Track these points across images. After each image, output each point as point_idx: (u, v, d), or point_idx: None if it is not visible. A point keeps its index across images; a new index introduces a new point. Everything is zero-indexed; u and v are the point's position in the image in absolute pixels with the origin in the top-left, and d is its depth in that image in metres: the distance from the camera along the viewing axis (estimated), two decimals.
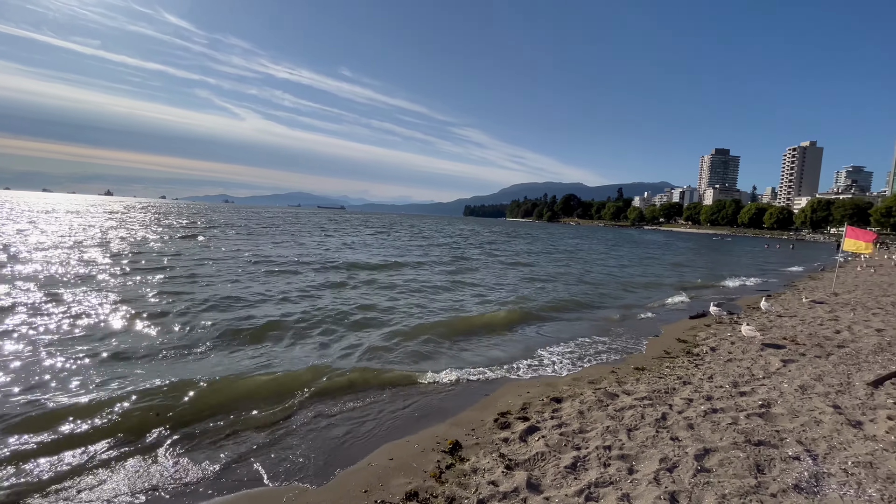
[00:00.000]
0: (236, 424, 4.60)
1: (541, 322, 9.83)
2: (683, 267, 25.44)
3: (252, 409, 4.90)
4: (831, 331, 8.51)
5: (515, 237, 51.91)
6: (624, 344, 8.34)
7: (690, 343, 8.02)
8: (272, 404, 5.04)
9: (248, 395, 5.22)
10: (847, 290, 14.57)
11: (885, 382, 5.50)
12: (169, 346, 6.77)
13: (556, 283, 15.87)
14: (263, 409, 4.91)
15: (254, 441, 4.32)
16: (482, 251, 28.40)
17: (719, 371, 6.18)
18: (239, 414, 4.80)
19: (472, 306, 10.93)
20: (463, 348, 7.59)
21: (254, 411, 4.86)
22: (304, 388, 5.45)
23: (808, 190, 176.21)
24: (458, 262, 20.47)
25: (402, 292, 12.20)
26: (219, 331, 7.63)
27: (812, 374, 5.92)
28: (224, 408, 4.90)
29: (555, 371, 6.60)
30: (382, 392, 5.61)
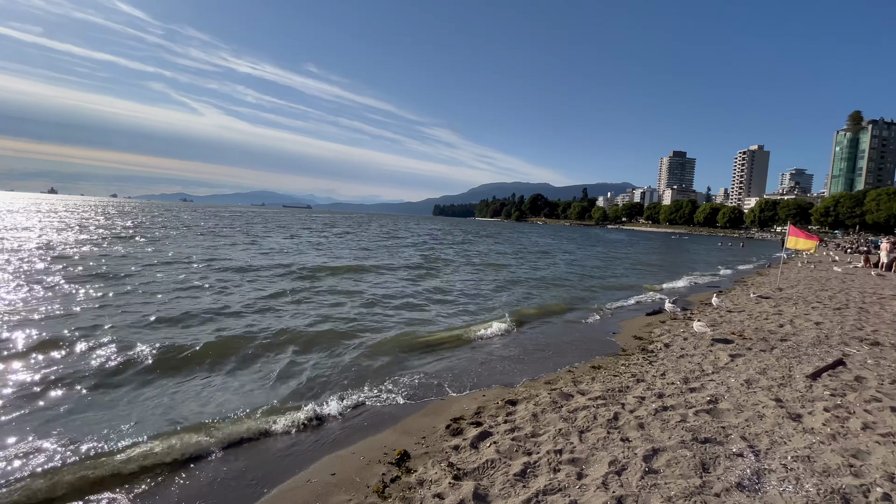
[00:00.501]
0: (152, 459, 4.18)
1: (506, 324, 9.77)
2: (644, 265, 26.30)
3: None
4: (775, 325, 8.90)
5: (486, 237, 52.23)
6: (582, 343, 8.42)
7: (646, 340, 8.17)
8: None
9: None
10: (790, 286, 15.42)
11: (823, 375, 5.73)
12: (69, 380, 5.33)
13: (526, 286, 15.94)
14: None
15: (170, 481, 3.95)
16: (455, 252, 28.30)
17: (671, 367, 6.27)
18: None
19: (441, 318, 10.70)
20: (423, 359, 7.33)
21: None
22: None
23: (756, 191, 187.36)
24: (429, 265, 20.23)
25: (367, 302, 10.98)
26: (135, 360, 6.02)
27: (757, 367, 6.11)
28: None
29: (514, 372, 6.52)
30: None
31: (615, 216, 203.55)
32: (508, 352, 7.58)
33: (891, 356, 6.62)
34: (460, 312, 10.54)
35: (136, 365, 5.95)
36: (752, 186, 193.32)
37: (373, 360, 6.81)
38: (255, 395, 5.33)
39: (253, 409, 4.86)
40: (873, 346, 7.24)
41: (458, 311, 10.73)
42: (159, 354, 6.28)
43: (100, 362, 5.94)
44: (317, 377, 5.98)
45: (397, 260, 20.84)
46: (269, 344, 7.16)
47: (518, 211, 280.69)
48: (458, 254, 26.50)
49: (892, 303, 11.84)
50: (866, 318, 9.48)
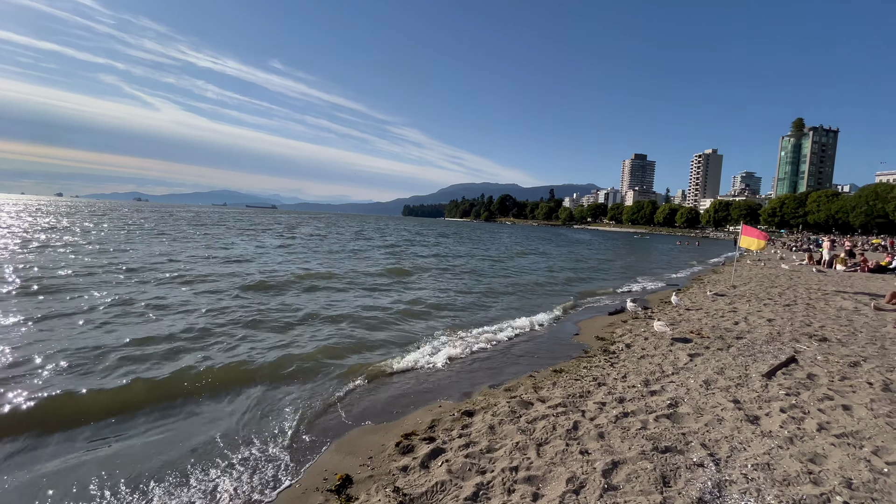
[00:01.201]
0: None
1: (470, 330, 9.50)
2: (607, 264, 26.82)
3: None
4: (731, 322, 9.06)
5: (461, 239, 52.13)
6: (545, 344, 8.26)
7: (608, 341, 8.09)
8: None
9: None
10: (743, 283, 16.00)
11: (777, 373, 5.77)
12: None
13: (494, 288, 15.76)
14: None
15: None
16: (427, 255, 27.90)
17: (632, 370, 6.17)
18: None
19: (406, 333, 10.28)
20: (382, 381, 6.94)
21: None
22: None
23: (711, 192, 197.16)
24: (399, 272, 19.75)
25: (329, 318, 9.22)
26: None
27: (715, 367, 6.09)
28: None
29: (473, 380, 6.23)
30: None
31: (581, 216, 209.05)
32: (469, 359, 7.29)
33: (838, 352, 6.80)
34: (426, 329, 10.19)
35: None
36: (707, 188, 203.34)
37: (327, 382, 6.34)
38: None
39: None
40: (822, 341, 7.44)
41: (425, 326, 10.37)
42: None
43: None
44: (263, 405, 5.46)
45: (364, 265, 20.25)
46: (201, 385, 5.59)
47: (487, 211, 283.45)
48: (431, 257, 26.14)
49: (834, 298, 12.43)
50: (813, 314, 9.83)
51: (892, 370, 5.88)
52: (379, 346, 7.68)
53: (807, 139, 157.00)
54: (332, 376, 6.15)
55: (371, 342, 7.86)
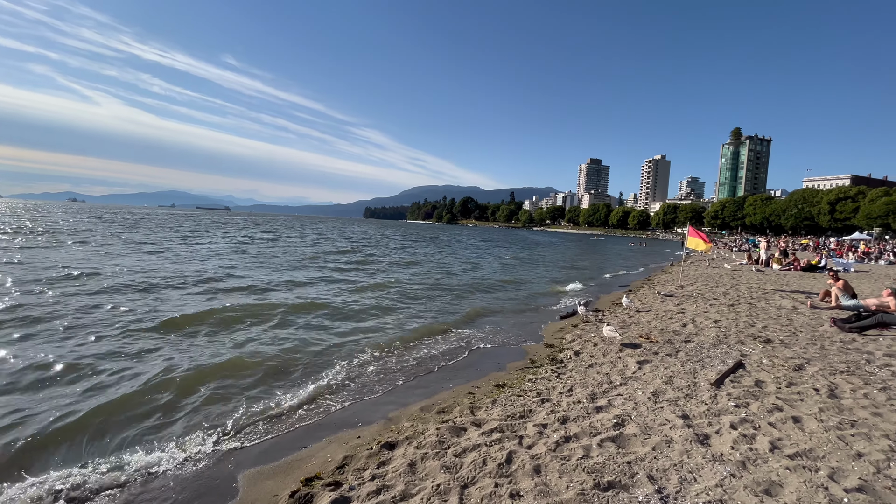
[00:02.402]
0: None
1: (408, 341, 8.80)
2: (564, 266, 26.99)
3: None
4: (679, 324, 8.91)
5: (425, 241, 51.32)
6: (491, 353, 7.73)
7: (556, 348, 7.65)
8: None
9: None
10: (690, 283, 16.31)
11: (725, 380, 5.48)
12: None
13: (450, 295, 15.14)
14: None
15: None
16: (390, 259, 26.91)
17: (580, 381, 5.70)
18: None
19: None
20: (298, 405, 6.11)
21: None
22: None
23: (660, 196, 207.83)
24: (361, 272, 18.71)
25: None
26: None
27: (664, 375, 5.74)
28: None
29: (405, 400, 5.53)
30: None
31: (540, 219, 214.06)
32: (407, 373, 6.60)
33: (782, 354, 6.67)
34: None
35: None
36: (657, 192, 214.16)
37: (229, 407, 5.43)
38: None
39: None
40: (766, 343, 7.34)
41: (359, 336, 9.55)
42: None
43: None
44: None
45: (318, 273, 19.06)
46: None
47: (449, 213, 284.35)
48: (393, 262, 25.22)
49: (774, 297, 12.78)
50: (756, 314, 9.91)
51: (834, 373, 5.75)
52: (297, 364, 6.82)
53: (744, 147, 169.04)
54: (235, 402, 5.26)
55: (293, 356, 6.98)
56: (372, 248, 33.96)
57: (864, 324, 8.06)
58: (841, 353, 6.71)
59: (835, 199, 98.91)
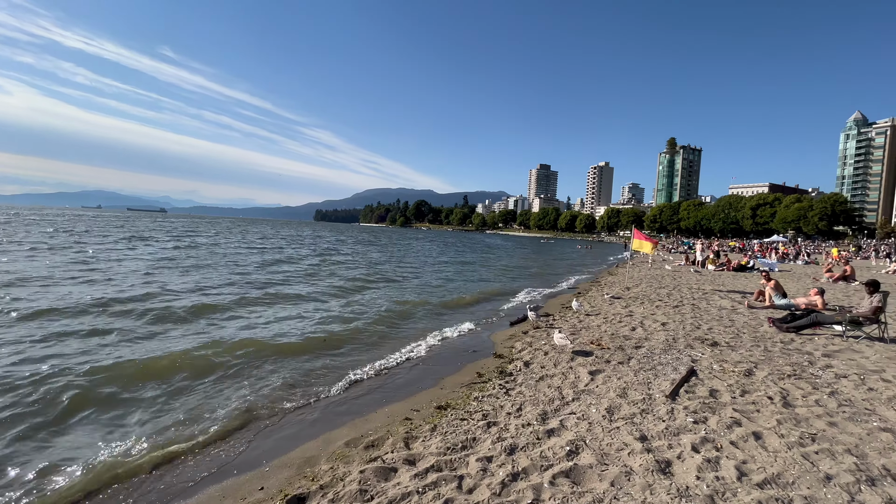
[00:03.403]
0: None
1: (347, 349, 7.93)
2: (515, 269, 26.98)
3: None
4: (629, 328, 8.71)
5: (376, 245, 49.83)
6: (435, 367, 7.06)
7: (506, 358, 7.11)
8: None
9: None
10: (635, 284, 16.59)
11: (680, 390, 5.15)
12: None
13: (394, 304, 14.29)
14: None
15: None
16: (322, 267, 25.46)
17: (529, 398, 5.15)
18: None
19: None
20: (194, 451, 5.11)
21: None
22: None
23: (605, 200, 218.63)
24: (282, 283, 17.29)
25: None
26: None
27: (617, 387, 5.33)
28: None
29: (329, 431, 4.71)
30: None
31: (493, 222, 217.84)
32: (337, 397, 5.76)
33: (730, 358, 6.54)
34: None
35: None
36: (602, 196, 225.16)
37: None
38: None
39: None
40: (713, 346, 7.24)
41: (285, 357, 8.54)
42: None
43: None
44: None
45: (240, 288, 17.47)
46: None
47: (403, 217, 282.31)
48: (338, 263, 23.87)
49: (713, 297, 13.15)
50: (700, 316, 9.99)
51: (783, 377, 5.62)
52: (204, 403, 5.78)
53: (678, 156, 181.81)
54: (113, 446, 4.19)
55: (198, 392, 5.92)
56: (308, 251, 32.32)
57: (799, 324, 8.23)
58: (784, 355, 6.69)
59: (756, 204, 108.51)
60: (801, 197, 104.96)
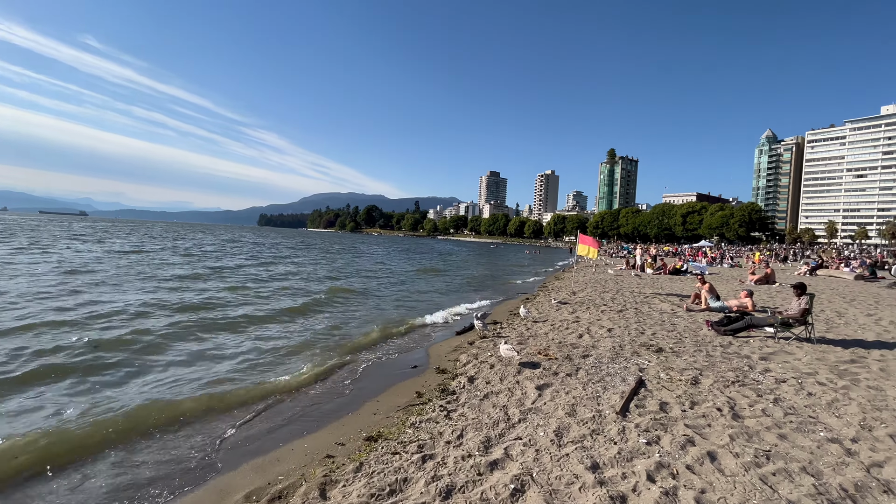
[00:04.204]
0: None
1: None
2: (465, 275, 26.68)
3: None
4: (576, 335, 8.49)
5: (317, 249, 47.62)
6: (371, 386, 6.35)
7: (449, 374, 6.55)
8: None
9: None
10: (581, 288, 16.77)
11: (630, 405, 4.84)
12: None
13: (335, 315, 13.31)
14: None
15: None
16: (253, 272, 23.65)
17: (472, 421, 4.60)
18: None
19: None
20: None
21: None
22: None
23: (551, 207, 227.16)
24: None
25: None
26: None
27: (566, 403, 4.93)
28: None
29: (227, 475, 3.87)
30: None
31: (444, 228, 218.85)
32: (247, 429, 4.89)
33: (676, 365, 6.41)
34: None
35: None
36: (548, 203, 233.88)
37: None
38: None
39: None
40: (658, 353, 7.12)
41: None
42: None
43: None
44: None
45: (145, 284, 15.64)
46: None
47: (353, 222, 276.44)
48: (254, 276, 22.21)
49: (653, 301, 13.47)
50: (643, 320, 10.03)
51: (727, 384, 5.50)
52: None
53: (618, 166, 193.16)
54: None
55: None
56: (245, 259, 30.23)
57: (736, 326, 8.40)
58: (725, 360, 6.68)
59: (686, 212, 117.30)
60: (723, 206, 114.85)
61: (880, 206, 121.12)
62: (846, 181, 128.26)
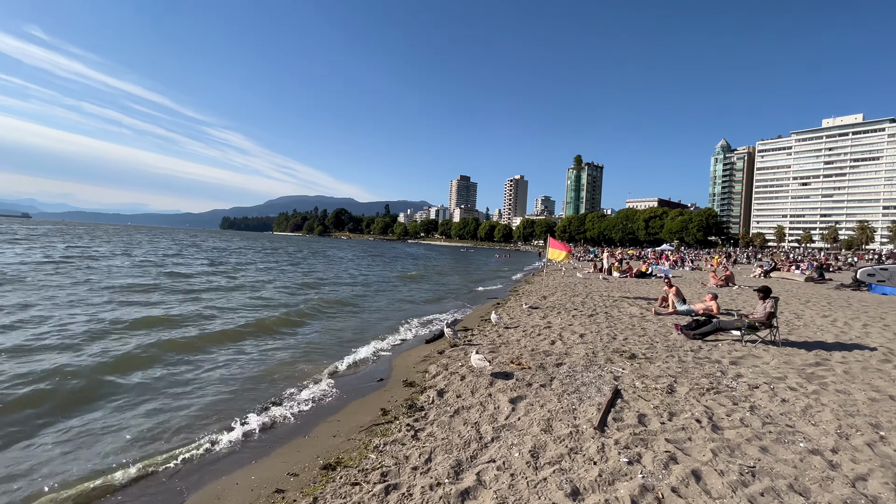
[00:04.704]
0: None
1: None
2: (435, 281, 26.30)
3: None
4: (548, 342, 8.27)
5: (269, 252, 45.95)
6: (333, 403, 5.86)
7: (417, 387, 6.14)
8: None
9: None
10: (551, 292, 16.75)
11: (608, 418, 4.59)
12: None
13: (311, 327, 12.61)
14: None
15: None
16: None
17: (441, 442, 4.22)
18: None
19: None
20: None
21: None
22: None
23: (520, 212, 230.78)
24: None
25: None
26: None
27: (541, 418, 4.63)
28: None
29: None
30: None
31: (415, 231, 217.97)
32: (185, 465, 4.31)
33: (650, 371, 6.27)
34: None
35: None
36: (517, 208, 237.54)
37: None
38: None
39: None
40: (632, 359, 6.99)
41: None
42: None
43: None
44: None
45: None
46: None
47: (321, 225, 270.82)
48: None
49: (622, 304, 13.54)
50: (614, 325, 9.96)
51: (703, 392, 5.38)
52: None
53: (584, 172, 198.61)
54: None
55: None
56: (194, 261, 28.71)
57: (704, 330, 8.43)
58: (697, 366, 6.60)
59: (648, 217, 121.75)
60: (683, 211, 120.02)
61: (822, 212, 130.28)
62: (792, 189, 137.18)
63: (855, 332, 9.32)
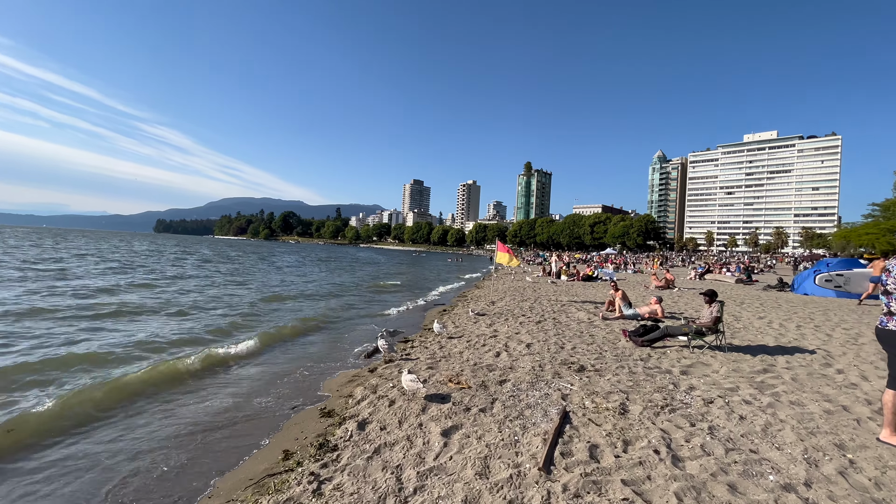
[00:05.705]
0: None
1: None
2: (383, 286, 25.12)
3: None
4: (493, 353, 7.55)
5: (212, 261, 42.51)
6: (224, 443, 4.71)
7: (336, 417, 5.13)
8: None
9: None
10: (500, 297, 16.23)
11: (554, 454, 3.86)
12: None
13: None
14: None
15: None
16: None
17: (351, 497, 3.27)
18: None
19: None
20: None
21: None
22: None
23: (473, 216, 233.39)
24: None
25: None
26: None
27: (477, 458, 3.81)
28: None
29: None
30: None
31: (367, 235, 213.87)
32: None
33: (600, 387, 5.68)
34: None
35: None
36: (470, 212, 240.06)
37: None
38: None
39: None
40: (580, 372, 6.40)
41: None
42: None
43: None
44: None
45: None
46: None
47: (268, 229, 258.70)
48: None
49: (570, 309, 13.22)
50: (562, 332, 9.47)
51: (658, 412, 4.82)
52: None
53: (534, 178, 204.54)
54: None
55: None
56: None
57: (653, 336, 8.08)
58: (649, 378, 6.11)
59: (593, 222, 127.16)
60: (624, 217, 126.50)
61: (745, 218, 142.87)
62: (719, 197, 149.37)
63: (791, 335, 9.43)
